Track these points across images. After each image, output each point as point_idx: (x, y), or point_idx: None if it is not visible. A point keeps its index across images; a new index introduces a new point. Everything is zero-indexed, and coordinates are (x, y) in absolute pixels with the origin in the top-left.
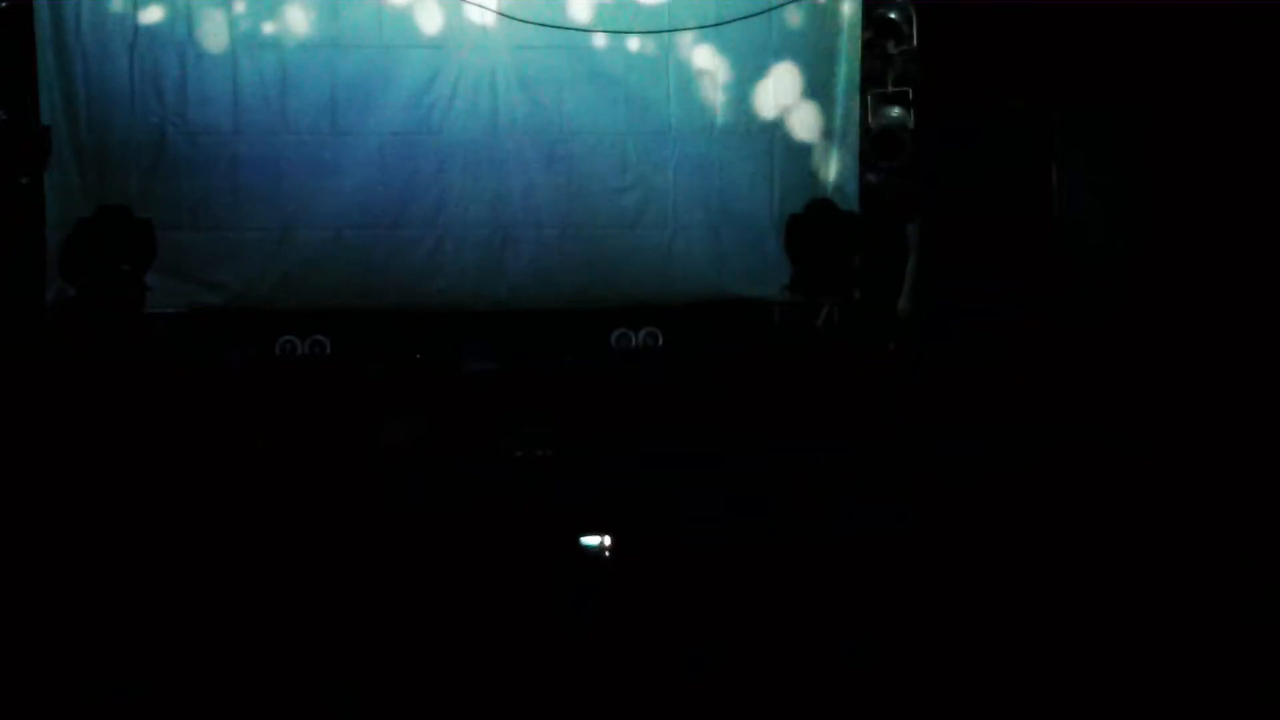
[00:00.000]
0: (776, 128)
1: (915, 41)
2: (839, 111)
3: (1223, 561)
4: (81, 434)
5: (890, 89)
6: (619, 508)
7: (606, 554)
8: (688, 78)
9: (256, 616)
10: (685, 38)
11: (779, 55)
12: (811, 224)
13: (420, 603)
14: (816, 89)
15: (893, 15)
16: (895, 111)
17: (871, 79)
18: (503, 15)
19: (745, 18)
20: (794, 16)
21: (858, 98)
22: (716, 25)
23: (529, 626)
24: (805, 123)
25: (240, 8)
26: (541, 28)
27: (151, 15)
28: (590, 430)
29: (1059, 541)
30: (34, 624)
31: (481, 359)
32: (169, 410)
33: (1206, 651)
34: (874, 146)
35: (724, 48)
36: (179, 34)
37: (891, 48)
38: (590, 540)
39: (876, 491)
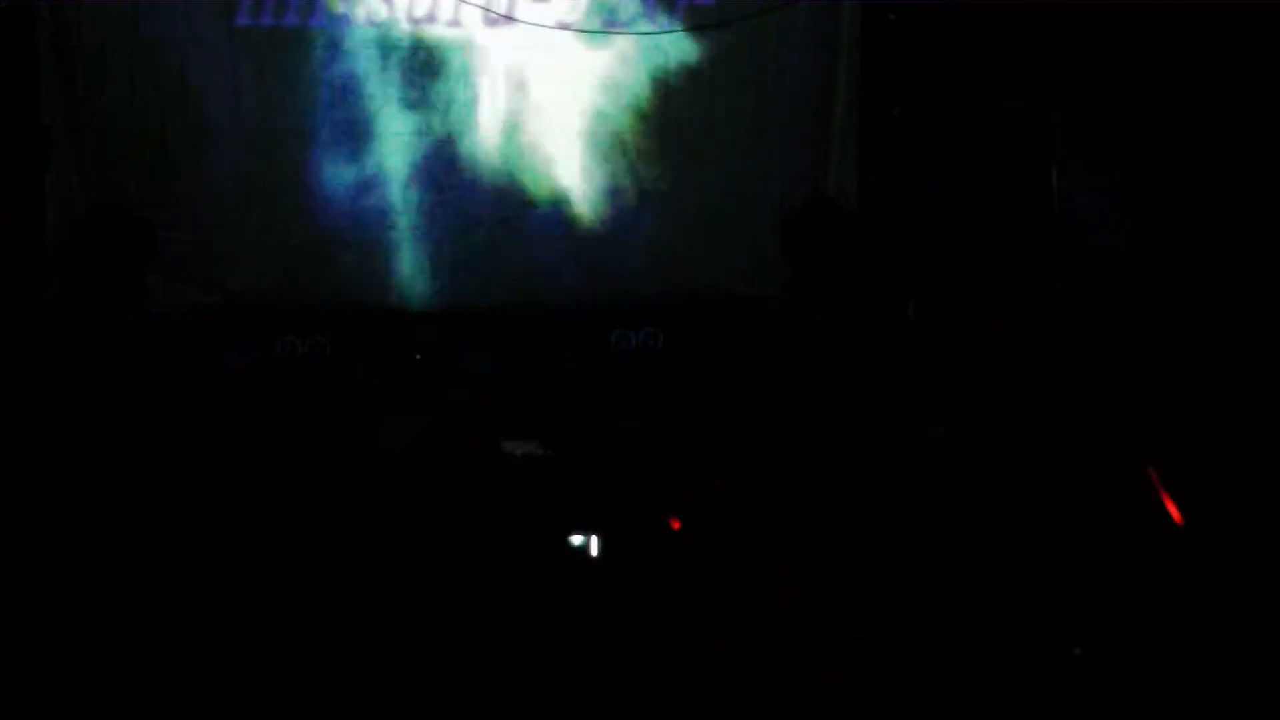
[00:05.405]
0: (776, 126)
1: (914, 41)
2: (839, 111)
3: (1223, 561)
4: (81, 434)
5: (890, 88)
6: (619, 508)
7: (595, 552)
8: (688, 76)
9: (256, 616)
10: (686, 36)
11: (779, 54)
12: (811, 224)
13: (420, 603)
14: (816, 88)
15: (892, 15)
16: (895, 111)
17: (872, 78)
18: (500, 15)
19: (746, 17)
20: (795, 16)
21: (857, 97)
22: (717, 25)
23: (529, 626)
24: (805, 122)
25: (240, 7)
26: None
27: (151, 15)
28: (590, 430)
29: (1059, 541)
30: (34, 624)
31: (481, 359)
32: (169, 410)
33: (1206, 651)
34: (874, 146)
35: (725, 47)
36: (179, 34)
37: (891, 46)
38: (578, 539)
39: (876, 491)
